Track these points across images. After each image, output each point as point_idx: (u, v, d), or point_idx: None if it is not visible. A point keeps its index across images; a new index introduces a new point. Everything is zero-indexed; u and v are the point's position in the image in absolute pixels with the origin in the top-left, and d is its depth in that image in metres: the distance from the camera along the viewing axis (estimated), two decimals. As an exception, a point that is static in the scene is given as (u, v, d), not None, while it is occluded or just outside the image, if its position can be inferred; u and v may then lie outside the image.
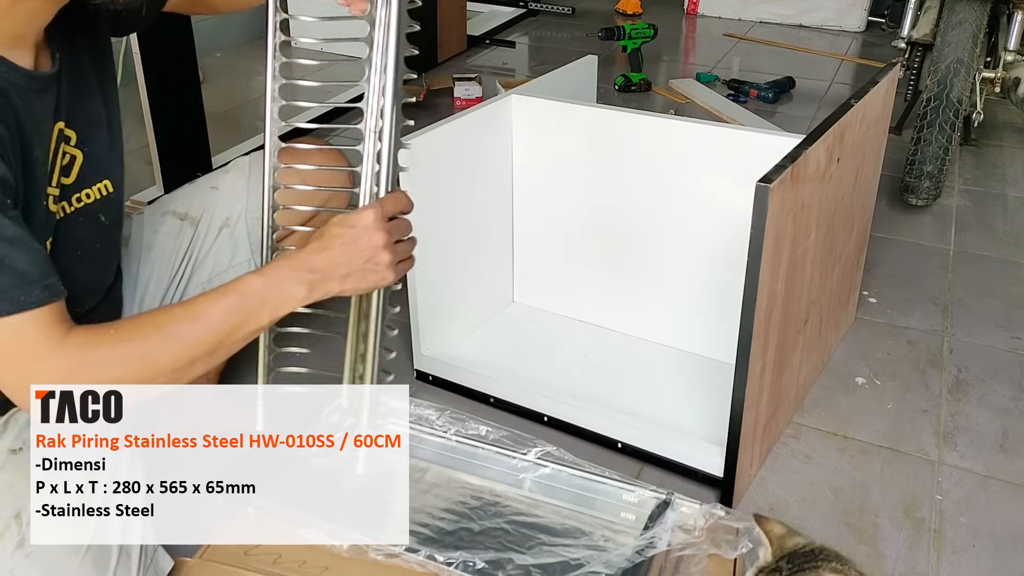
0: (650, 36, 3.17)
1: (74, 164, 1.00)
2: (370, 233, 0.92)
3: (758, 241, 1.09)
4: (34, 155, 0.90)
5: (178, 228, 1.28)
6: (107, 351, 0.86)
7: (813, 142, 1.18)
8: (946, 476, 1.37)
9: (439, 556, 1.05)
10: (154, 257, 1.26)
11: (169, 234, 1.27)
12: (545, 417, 1.46)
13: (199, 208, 1.29)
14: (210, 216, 1.28)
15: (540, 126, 1.60)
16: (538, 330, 1.71)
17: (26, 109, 0.88)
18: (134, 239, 1.26)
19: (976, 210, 2.32)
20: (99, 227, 1.05)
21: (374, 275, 0.94)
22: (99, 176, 1.03)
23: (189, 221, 1.28)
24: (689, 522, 1.11)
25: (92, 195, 1.03)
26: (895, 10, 3.53)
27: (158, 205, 1.32)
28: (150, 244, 1.26)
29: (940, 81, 2.21)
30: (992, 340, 1.73)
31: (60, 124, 0.96)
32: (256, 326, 0.91)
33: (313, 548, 1.06)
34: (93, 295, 1.09)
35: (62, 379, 0.85)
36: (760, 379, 1.24)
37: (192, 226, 1.28)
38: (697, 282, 1.56)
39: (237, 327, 0.90)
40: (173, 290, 1.26)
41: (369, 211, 0.93)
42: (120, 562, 0.96)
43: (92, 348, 0.85)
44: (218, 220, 1.28)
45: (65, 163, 0.99)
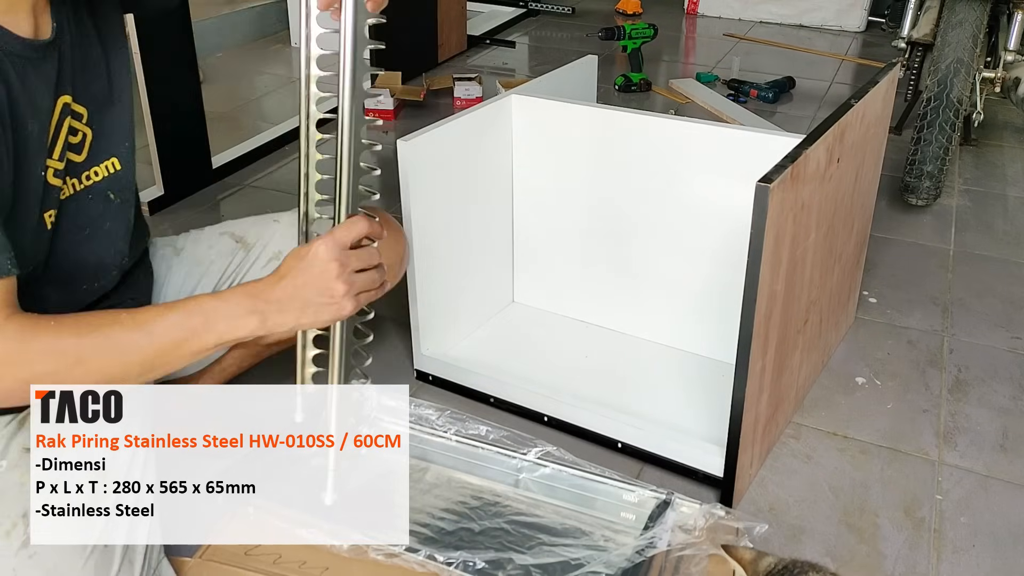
0: (650, 36, 3.17)
1: (85, 142, 1.00)
2: (323, 265, 0.88)
3: (758, 241, 1.09)
4: (28, 125, 0.88)
5: (231, 249, 1.28)
6: (42, 344, 0.83)
7: (813, 142, 1.18)
8: (946, 476, 1.37)
9: (439, 556, 1.05)
10: (201, 271, 1.26)
11: (222, 253, 1.28)
12: (545, 417, 1.46)
13: (256, 235, 1.29)
14: (264, 244, 1.28)
15: (540, 126, 1.60)
16: (538, 330, 1.71)
17: (20, 78, 0.87)
18: (188, 250, 1.27)
19: (976, 210, 2.32)
20: (109, 205, 1.04)
21: (331, 307, 0.90)
22: (107, 153, 1.03)
23: (243, 245, 1.29)
24: (689, 522, 1.11)
25: (100, 172, 1.02)
26: (895, 10, 3.54)
27: (220, 226, 1.33)
28: (201, 258, 1.27)
29: (940, 81, 2.21)
30: (992, 340, 1.73)
31: (66, 98, 0.95)
32: (200, 347, 0.88)
33: (313, 548, 1.06)
34: (104, 275, 1.08)
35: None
36: (760, 379, 1.24)
37: (245, 250, 1.28)
38: (697, 282, 1.56)
39: (179, 344, 0.87)
40: None
41: (320, 243, 0.88)
42: (123, 568, 0.96)
43: (28, 339, 0.83)
44: (271, 250, 1.28)
45: (76, 141, 0.98)
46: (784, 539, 1.23)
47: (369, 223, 0.91)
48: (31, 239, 0.93)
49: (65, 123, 0.96)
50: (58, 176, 0.95)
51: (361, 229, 0.91)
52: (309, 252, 0.88)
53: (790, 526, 1.26)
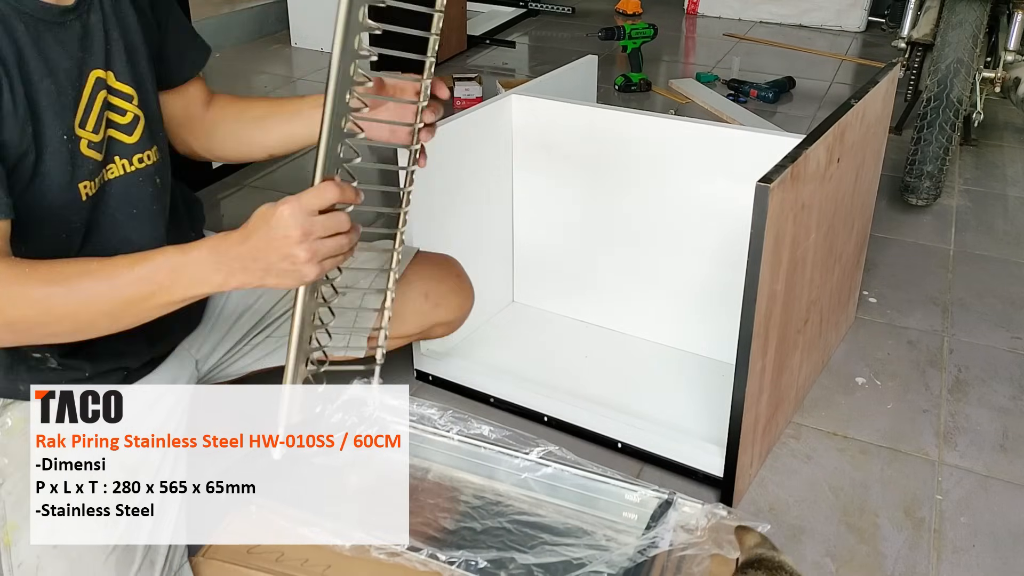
0: (650, 36, 3.17)
1: (138, 124, 1.02)
2: (286, 230, 0.86)
3: (758, 241, 1.09)
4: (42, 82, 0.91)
5: None
6: (13, 289, 0.84)
7: (813, 142, 1.18)
8: (946, 476, 1.37)
9: (441, 555, 1.05)
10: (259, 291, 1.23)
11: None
12: (545, 417, 1.46)
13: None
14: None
15: (540, 126, 1.60)
16: (538, 330, 1.71)
17: (32, 37, 0.90)
18: None
19: (976, 210, 2.32)
20: (157, 190, 1.06)
21: (293, 273, 0.88)
22: (153, 140, 1.05)
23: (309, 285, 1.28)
24: (691, 522, 1.10)
25: (152, 157, 1.04)
26: (895, 10, 3.53)
27: None
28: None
29: (940, 81, 2.21)
30: (992, 340, 1.73)
31: (100, 72, 0.97)
32: (166, 300, 0.88)
33: (315, 547, 1.06)
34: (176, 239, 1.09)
35: None
36: (760, 379, 1.24)
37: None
38: (697, 282, 1.56)
39: (146, 297, 0.88)
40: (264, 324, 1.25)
41: (286, 207, 0.86)
42: (143, 567, 0.98)
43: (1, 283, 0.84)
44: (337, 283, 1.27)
45: (125, 121, 1.01)
46: (784, 539, 1.23)
47: (340, 189, 0.87)
48: (61, 204, 0.94)
49: (99, 97, 0.97)
50: (94, 148, 0.97)
51: (330, 195, 0.87)
52: (274, 215, 0.86)
53: (790, 526, 1.26)
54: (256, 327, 1.24)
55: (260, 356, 1.25)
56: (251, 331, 1.23)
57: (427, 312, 1.31)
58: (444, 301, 1.33)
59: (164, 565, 1.00)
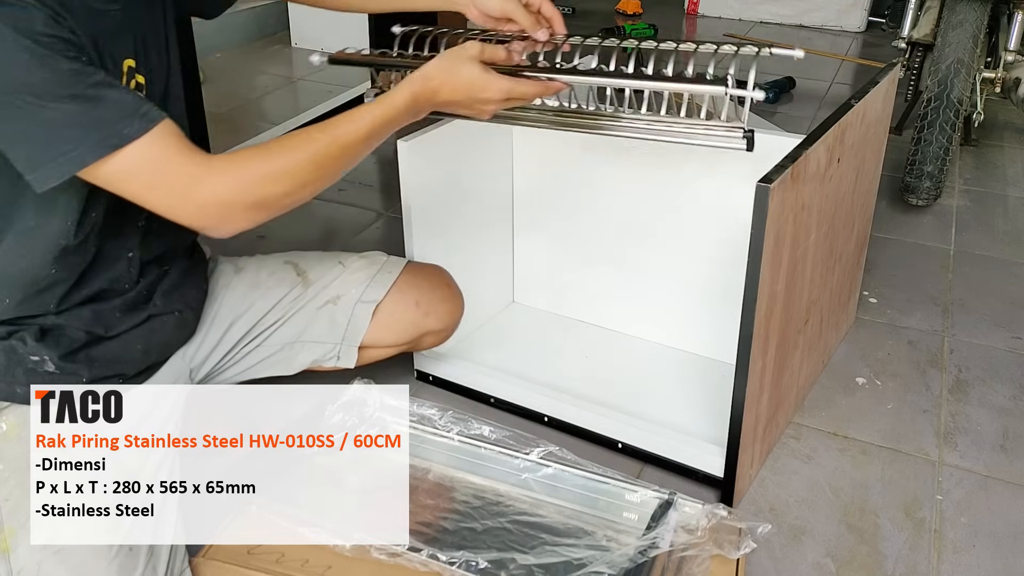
0: (650, 36, 3.17)
1: None
2: (494, 104, 1.05)
3: (758, 241, 1.09)
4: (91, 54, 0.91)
5: (291, 281, 1.28)
6: (256, 168, 0.93)
7: (813, 142, 1.18)
8: (946, 476, 1.37)
9: (441, 555, 1.05)
10: (257, 295, 1.25)
11: (281, 281, 1.27)
12: (545, 417, 1.46)
13: (318, 274, 1.29)
14: (323, 285, 1.28)
15: (541, 126, 1.60)
16: (538, 330, 1.71)
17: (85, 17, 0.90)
18: (248, 272, 1.27)
19: (976, 210, 2.32)
20: None
21: (472, 115, 1.08)
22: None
23: (303, 280, 1.28)
24: (692, 522, 1.11)
25: None
26: (895, 10, 3.54)
27: (286, 254, 1.33)
28: (259, 282, 1.27)
29: (940, 81, 2.21)
30: (992, 340, 1.73)
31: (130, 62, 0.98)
32: (384, 136, 1.03)
33: (316, 547, 1.06)
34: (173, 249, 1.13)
35: (224, 195, 0.91)
36: (760, 379, 1.24)
37: (304, 287, 1.28)
38: (697, 282, 1.56)
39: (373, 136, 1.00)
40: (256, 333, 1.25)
41: (505, 87, 1.03)
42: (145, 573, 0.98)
43: (242, 166, 0.93)
44: (329, 293, 1.28)
45: None
46: (784, 539, 1.23)
47: (539, 89, 1.07)
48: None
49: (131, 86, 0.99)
50: None
51: (533, 93, 1.07)
52: (491, 90, 1.03)
53: (790, 526, 1.26)
54: (248, 335, 1.24)
55: (252, 364, 1.26)
56: (243, 339, 1.24)
57: (418, 321, 1.32)
58: (434, 309, 1.34)
59: (167, 569, 1.00)
